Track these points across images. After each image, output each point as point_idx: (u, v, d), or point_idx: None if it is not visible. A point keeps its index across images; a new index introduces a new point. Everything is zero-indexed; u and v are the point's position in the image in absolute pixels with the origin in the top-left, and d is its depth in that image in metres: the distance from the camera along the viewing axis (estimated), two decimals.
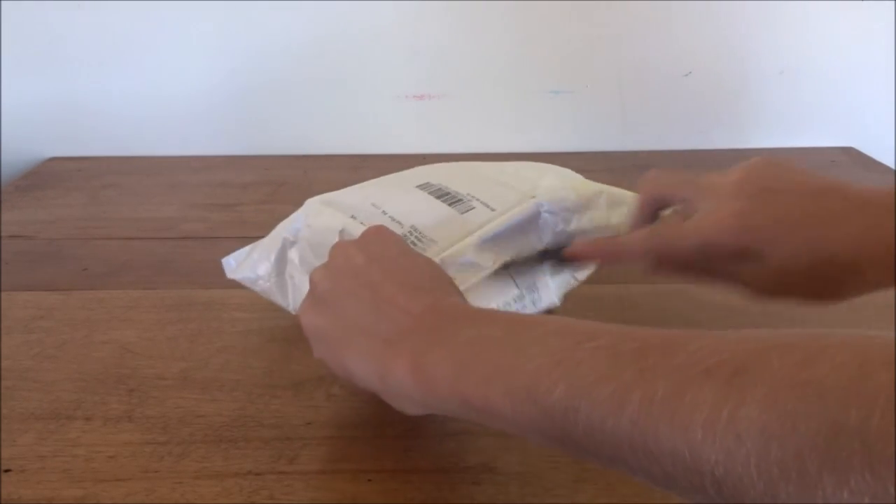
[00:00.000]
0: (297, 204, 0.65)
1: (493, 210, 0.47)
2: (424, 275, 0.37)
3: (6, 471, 0.38)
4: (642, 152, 0.89)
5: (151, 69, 0.87)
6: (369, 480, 0.37)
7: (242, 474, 0.38)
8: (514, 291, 0.46)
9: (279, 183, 0.80)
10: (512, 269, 0.46)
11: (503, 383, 0.29)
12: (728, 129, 0.91)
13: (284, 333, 0.50)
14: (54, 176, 0.83)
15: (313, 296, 0.37)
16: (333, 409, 0.43)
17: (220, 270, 0.60)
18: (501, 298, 0.46)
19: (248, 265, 0.49)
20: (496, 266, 0.45)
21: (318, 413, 0.42)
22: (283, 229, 0.48)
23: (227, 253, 0.63)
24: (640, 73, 0.88)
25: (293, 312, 0.49)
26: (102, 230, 0.68)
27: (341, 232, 0.45)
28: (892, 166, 0.85)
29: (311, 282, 0.38)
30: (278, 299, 0.48)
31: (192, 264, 0.61)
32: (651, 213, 0.45)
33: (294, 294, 0.47)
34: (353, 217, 0.46)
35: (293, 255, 0.48)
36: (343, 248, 0.39)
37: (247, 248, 0.50)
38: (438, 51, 0.87)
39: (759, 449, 0.21)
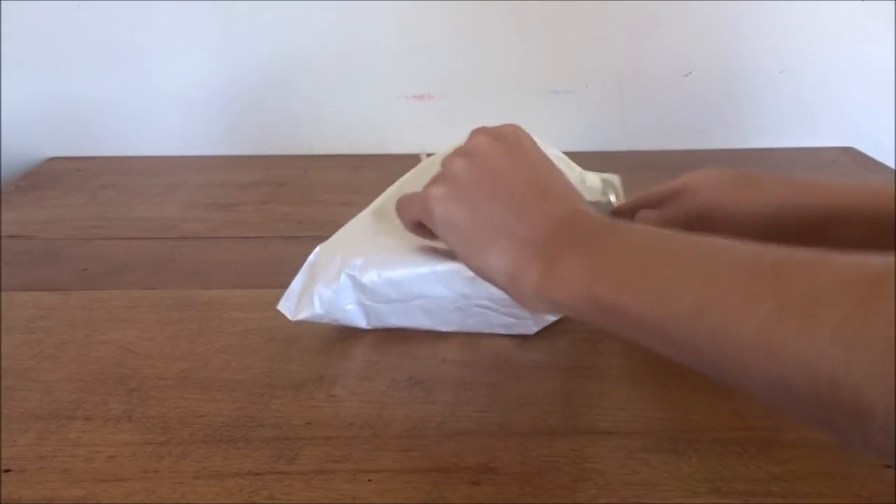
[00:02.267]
0: (297, 204, 0.65)
1: None
2: (563, 183, 0.40)
3: (6, 471, 0.38)
4: (642, 152, 0.89)
5: (151, 69, 0.87)
6: (369, 480, 0.37)
7: (242, 474, 0.38)
8: None
9: (279, 183, 0.80)
10: None
11: (635, 286, 0.31)
12: (728, 129, 0.91)
13: (284, 333, 0.50)
14: (54, 176, 0.83)
15: (452, 185, 0.39)
16: (333, 409, 0.43)
17: (220, 270, 0.60)
18: None
19: (307, 305, 0.48)
20: None
21: (318, 413, 0.42)
22: (334, 265, 0.48)
23: (228, 253, 0.63)
24: (640, 73, 0.88)
25: (367, 327, 0.49)
26: (102, 230, 0.68)
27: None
28: (892, 166, 0.85)
29: (449, 171, 0.40)
30: (353, 323, 0.49)
31: (192, 264, 0.61)
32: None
33: (369, 316, 0.49)
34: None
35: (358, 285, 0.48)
36: (484, 145, 0.40)
37: (296, 287, 0.49)
38: (438, 51, 0.87)
39: (883, 355, 0.22)
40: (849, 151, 0.90)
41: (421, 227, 0.43)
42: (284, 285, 0.57)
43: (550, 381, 0.45)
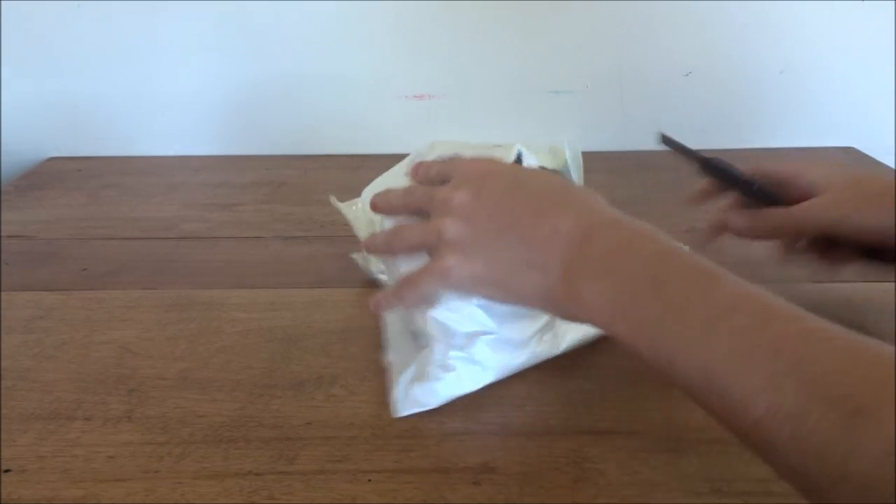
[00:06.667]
0: (297, 204, 0.65)
1: None
2: (551, 190, 0.40)
3: (6, 471, 0.38)
4: (642, 152, 0.89)
5: (151, 69, 0.87)
6: (369, 480, 0.37)
7: (242, 474, 0.38)
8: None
9: (279, 183, 0.80)
10: None
11: (650, 337, 0.32)
12: (728, 129, 0.91)
13: (284, 333, 0.50)
14: (54, 176, 0.83)
15: (455, 249, 0.39)
16: (333, 409, 0.43)
17: (220, 270, 0.60)
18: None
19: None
20: None
21: (318, 413, 0.42)
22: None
23: (228, 253, 0.63)
24: (640, 73, 0.88)
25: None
26: (102, 230, 0.68)
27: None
28: (893, 166, 0.85)
29: (445, 236, 0.40)
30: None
31: (192, 264, 0.61)
32: None
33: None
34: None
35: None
36: (458, 194, 0.40)
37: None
38: (438, 51, 0.87)
39: (864, 485, 0.24)
40: (849, 151, 0.90)
41: None
42: (284, 285, 0.57)
43: (550, 381, 0.45)
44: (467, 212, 0.40)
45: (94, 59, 0.86)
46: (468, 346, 0.43)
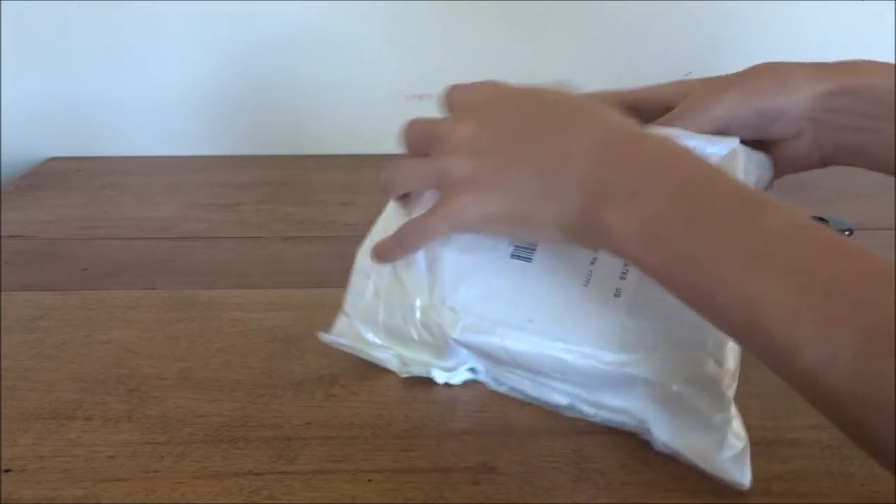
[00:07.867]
0: (297, 204, 0.65)
1: None
2: (561, 109, 0.37)
3: (6, 471, 0.38)
4: None
5: (152, 69, 0.87)
6: (369, 480, 0.37)
7: (242, 474, 0.38)
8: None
9: (279, 183, 0.80)
10: None
11: (684, 275, 0.30)
12: None
13: (284, 333, 0.50)
14: (54, 176, 0.83)
15: (463, 185, 0.36)
16: (333, 409, 0.43)
17: (221, 270, 0.60)
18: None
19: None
20: None
21: (318, 413, 0.42)
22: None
23: (228, 253, 0.63)
24: (640, 73, 0.88)
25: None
26: (102, 230, 0.68)
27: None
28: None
29: (444, 171, 0.37)
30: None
31: (192, 264, 0.61)
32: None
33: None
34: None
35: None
36: (460, 127, 0.38)
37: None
38: (438, 51, 0.87)
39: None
40: None
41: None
42: (284, 285, 0.57)
43: None
44: (473, 146, 0.37)
45: (94, 60, 0.86)
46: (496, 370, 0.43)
